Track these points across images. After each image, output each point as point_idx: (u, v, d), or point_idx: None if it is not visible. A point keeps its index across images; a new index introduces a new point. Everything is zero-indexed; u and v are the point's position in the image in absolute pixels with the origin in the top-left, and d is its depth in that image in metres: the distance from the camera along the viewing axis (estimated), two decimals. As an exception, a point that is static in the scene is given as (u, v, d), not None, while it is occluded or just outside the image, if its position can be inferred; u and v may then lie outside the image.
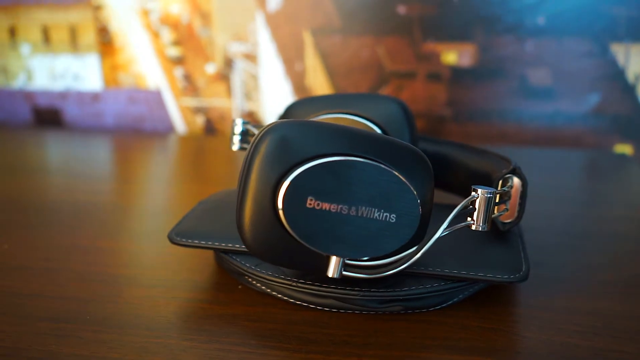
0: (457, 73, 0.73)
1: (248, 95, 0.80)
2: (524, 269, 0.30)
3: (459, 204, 0.29)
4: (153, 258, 0.38)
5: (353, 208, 0.25)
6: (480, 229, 0.28)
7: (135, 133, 0.81)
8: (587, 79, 0.70)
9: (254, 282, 0.32)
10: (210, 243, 0.32)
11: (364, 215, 0.25)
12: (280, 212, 0.25)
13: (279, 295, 0.31)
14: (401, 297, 0.29)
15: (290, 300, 0.31)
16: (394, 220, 0.26)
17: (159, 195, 0.52)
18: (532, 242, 0.40)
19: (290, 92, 0.79)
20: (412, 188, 0.26)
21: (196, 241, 0.32)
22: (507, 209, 0.32)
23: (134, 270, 0.36)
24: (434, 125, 0.75)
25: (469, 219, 0.28)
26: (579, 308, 0.31)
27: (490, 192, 0.28)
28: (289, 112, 0.39)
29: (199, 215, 0.36)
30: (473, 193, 0.28)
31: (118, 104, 0.84)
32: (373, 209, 0.25)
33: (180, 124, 0.83)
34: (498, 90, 0.72)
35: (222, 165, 0.64)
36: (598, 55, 0.69)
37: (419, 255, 0.26)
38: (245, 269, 0.31)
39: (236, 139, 0.40)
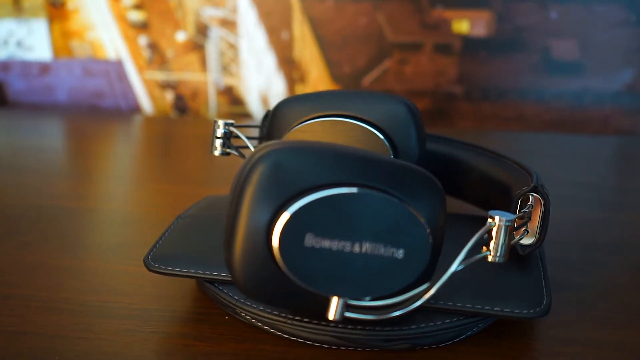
0: (469, 44, 0.74)
1: (226, 69, 0.80)
2: (545, 302, 0.31)
3: (471, 214, 0.30)
4: (126, 281, 0.39)
5: (356, 244, 0.27)
6: (497, 261, 0.29)
7: (92, 111, 0.81)
8: (619, 52, 0.71)
9: (245, 314, 0.33)
10: (193, 271, 0.34)
11: (369, 252, 0.27)
12: (276, 251, 0.26)
13: (272, 330, 0.33)
14: (409, 336, 0.31)
15: (284, 336, 0.32)
16: (402, 255, 0.27)
17: (126, 197, 0.53)
18: (553, 256, 0.42)
19: (275, 65, 0.79)
20: (421, 219, 0.27)
21: (177, 269, 0.34)
22: (527, 231, 0.33)
23: (105, 297, 0.37)
24: (442, 105, 0.76)
25: (484, 248, 0.30)
26: (607, 341, 0.33)
27: (509, 220, 0.29)
28: (278, 113, 0.40)
29: (179, 234, 0.37)
30: (489, 220, 0.29)
31: (72, 77, 0.84)
32: (378, 245, 0.27)
33: (145, 102, 0.84)
34: (517, 65, 0.73)
35: (199, 156, 0.65)
36: (633, 25, 0.70)
37: (430, 294, 0.28)
38: (234, 302, 0.33)
39: (218, 142, 0.41)
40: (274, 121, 0.40)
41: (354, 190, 0.26)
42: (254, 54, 0.80)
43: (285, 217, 0.26)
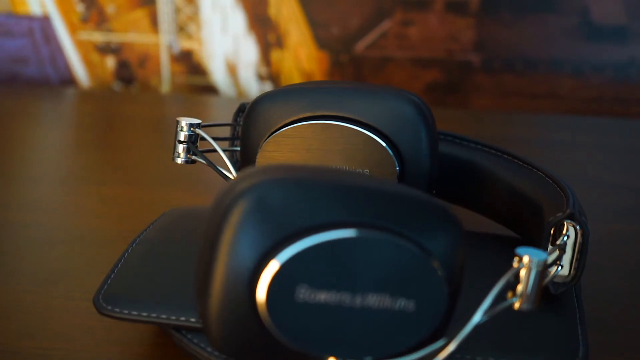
0: (489, 2, 0.75)
1: (182, 29, 0.81)
2: (581, 353, 0.33)
3: (492, 232, 0.31)
4: (70, 321, 0.40)
5: (358, 297, 0.28)
6: (525, 309, 0.31)
7: (11, 80, 0.81)
8: (675, 16, 0.73)
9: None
10: (156, 315, 0.35)
11: (373, 306, 0.28)
12: (261, 305, 0.28)
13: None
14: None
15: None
16: (413, 308, 0.29)
17: (61, 206, 0.53)
18: (590, 285, 0.43)
19: (245, 26, 0.80)
20: (435, 264, 0.29)
21: (135, 312, 0.35)
22: (561, 266, 0.35)
23: (45, 343, 0.38)
24: (454, 78, 0.77)
25: (510, 294, 0.31)
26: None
27: (541, 261, 0.31)
28: (257, 110, 0.41)
29: (136, 265, 0.38)
30: (516, 261, 0.31)
31: (-15, 39, 0.84)
32: (385, 297, 0.28)
33: (80, 70, 0.84)
34: (548, 29, 0.75)
35: (152, 144, 0.65)
36: (692, -18, 0.72)
37: (447, 353, 0.30)
38: (206, 355, 0.34)
39: (181, 148, 0.42)
40: (252, 120, 0.41)
41: (354, 233, 0.28)
42: (219, 10, 0.80)
43: (273, 266, 0.27)
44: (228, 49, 0.81)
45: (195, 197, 0.54)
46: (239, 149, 0.44)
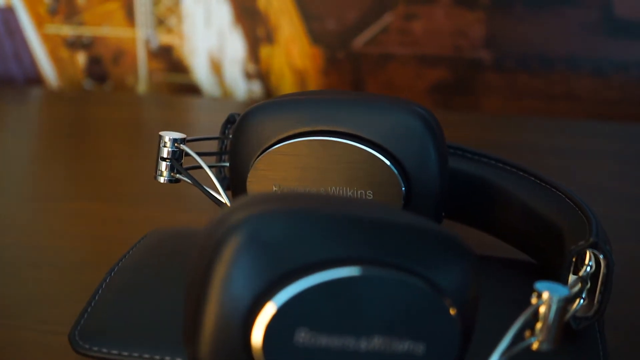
0: (502, -5, 0.75)
1: (162, 22, 0.81)
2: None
3: (507, 257, 0.31)
4: (42, 357, 0.40)
5: (363, 340, 0.29)
6: (545, 349, 0.32)
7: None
8: None
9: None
10: (138, 355, 0.35)
11: (379, 349, 0.29)
12: (257, 350, 0.28)
13: None
14: None
15: None
16: (423, 351, 0.29)
17: (28, 225, 0.53)
18: (612, 314, 0.43)
19: (230, 19, 0.80)
20: (447, 302, 0.29)
21: (115, 351, 0.35)
22: (583, 300, 0.36)
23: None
24: (463, 77, 0.78)
25: (528, 333, 0.32)
26: None
27: (562, 298, 0.31)
28: (248, 123, 0.41)
29: (116, 297, 0.38)
30: (535, 298, 0.31)
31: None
32: (391, 339, 0.29)
33: (47, 67, 0.84)
34: (566, 24, 0.75)
35: (128, 152, 0.65)
36: None
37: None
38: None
39: (164, 165, 0.42)
40: (242, 135, 0.41)
41: (357, 271, 0.28)
42: (202, 1, 0.80)
43: (270, 308, 0.28)
44: (212, 44, 0.82)
45: (179, 215, 0.54)
46: (227, 164, 0.44)
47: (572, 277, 0.37)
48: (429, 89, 0.79)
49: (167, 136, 0.42)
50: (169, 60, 0.83)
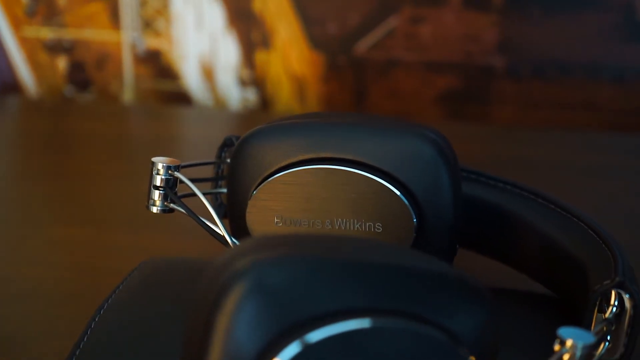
0: (516, -3, 0.75)
1: (149, 25, 0.81)
2: None
3: (526, 290, 0.31)
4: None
5: (375, 396, 0.29)
6: (569, 400, 0.32)
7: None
8: None
9: None
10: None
11: (393, 405, 0.29)
12: (263, 407, 0.28)
13: None
14: None
15: None
16: (439, 406, 0.29)
17: (7, 252, 0.53)
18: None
19: (223, 22, 0.80)
20: (464, 353, 0.30)
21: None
22: (608, 343, 0.36)
23: None
24: (474, 85, 0.78)
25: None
26: None
27: (587, 345, 0.31)
28: (246, 151, 0.41)
29: (106, 339, 0.38)
30: (558, 345, 0.32)
31: None
32: (406, 394, 0.29)
33: (25, 72, 0.84)
34: (586, 29, 0.75)
35: (116, 172, 0.65)
36: None
37: None
38: None
39: (157, 194, 0.42)
40: (241, 161, 0.41)
41: (368, 323, 0.28)
42: (192, 3, 0.81)
43: (276, 362, 0.28)
44: (203, 48, 0.82)
45: (174, 242, 0.54)
46: (224, 190, 0.44)
47: (595, 317, 0.37)
48: (437, 98, 0.79)
49: (161, 163, 0.42)
50: (157, 65, 0.83)
